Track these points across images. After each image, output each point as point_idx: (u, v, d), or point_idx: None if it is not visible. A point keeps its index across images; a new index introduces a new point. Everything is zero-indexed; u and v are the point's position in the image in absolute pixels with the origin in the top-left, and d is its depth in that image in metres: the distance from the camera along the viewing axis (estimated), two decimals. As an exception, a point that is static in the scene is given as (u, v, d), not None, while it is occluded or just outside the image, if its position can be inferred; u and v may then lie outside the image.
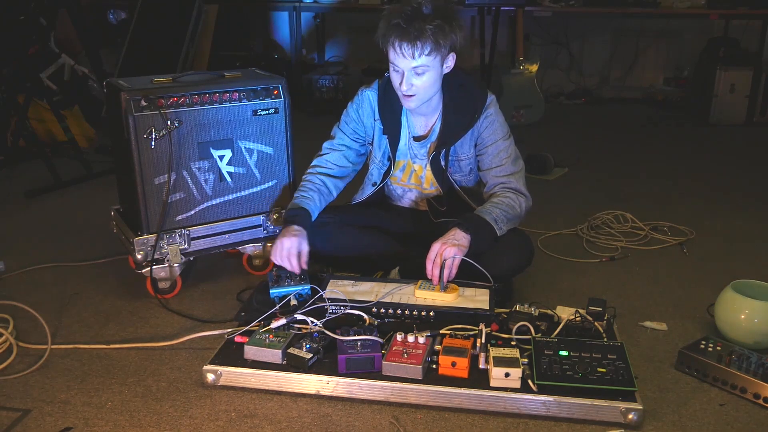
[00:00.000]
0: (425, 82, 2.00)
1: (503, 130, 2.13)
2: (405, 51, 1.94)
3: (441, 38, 1.94)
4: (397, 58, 1.97)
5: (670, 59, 5.44)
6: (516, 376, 1.59)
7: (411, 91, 2.00)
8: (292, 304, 1.92)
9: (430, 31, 1.92)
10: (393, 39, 1.95)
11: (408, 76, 1.98)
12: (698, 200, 3.16)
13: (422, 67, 1.96)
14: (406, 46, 1.93)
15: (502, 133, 2.11)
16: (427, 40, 1.93)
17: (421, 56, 1.94)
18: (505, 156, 2.10)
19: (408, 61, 1.95)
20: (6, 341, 1.90)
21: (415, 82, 1.99)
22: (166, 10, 4.79)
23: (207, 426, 1.58)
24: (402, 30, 1.93)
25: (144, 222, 2.11)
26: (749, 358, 1.69)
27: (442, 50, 1.96)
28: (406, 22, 1.92)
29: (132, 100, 2.02)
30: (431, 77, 2.00)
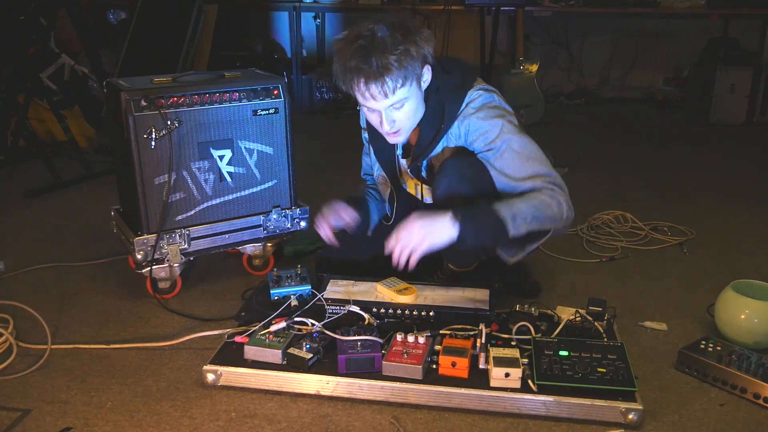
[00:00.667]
0: (408, 113, 1.78)
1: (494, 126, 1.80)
2: (375, 93, 1.70)
3: (410, 63, 1.69)
4: (368, 101, 1.74)
5: (670, 59, 5.44)
6: (516, 376, 1.59)
7: (395, 127, 1.79)
8: (292, 305, 1.92)
9: (395, 62, 1.66)
10: (355, 83, 1.70)
11: (387, 115, 1.76)
12: (698, 200, 3.16)
13: (400, 102, 1.74)
14: (374, 87, 1.68)
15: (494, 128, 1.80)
16: (395, 73, 1.67)
17: (395, 92, 1.70)
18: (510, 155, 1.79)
19: (381, 102, 1.72)
20: (6, 341, 1.90)
21: (396, 117, 1.77)
22: (166, 10, 4.80)
23: (207, 426, 1.58)
24: (362, 71, 1.67)
25: (144, 222, 2.11)
26: (749, 358, 1.69)
27: (414, 74, 1.72)
28: (364, 61, 1.66)
29: (132, 100, 2.02)
30: (412, 105, 1.78)
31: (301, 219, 2.35)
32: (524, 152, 1.79)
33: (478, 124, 1.81)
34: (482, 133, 1.81)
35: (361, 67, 1.68)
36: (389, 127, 1.79)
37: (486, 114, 1.81)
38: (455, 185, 1.83)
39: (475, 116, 1.82)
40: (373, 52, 1.67)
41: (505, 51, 5.33)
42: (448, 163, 1.86)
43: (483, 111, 1.82)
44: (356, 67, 1.68)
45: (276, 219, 2.31)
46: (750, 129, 4.61)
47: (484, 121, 1.81)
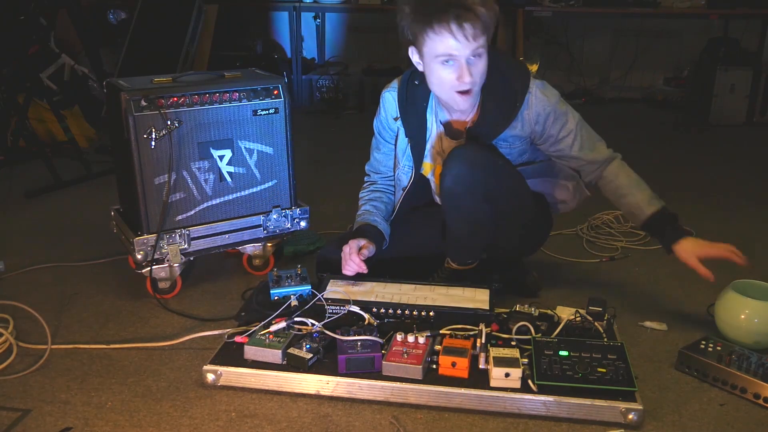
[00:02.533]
0: (482, 68, 1.76)
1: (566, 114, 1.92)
2: (467, 32, 1.67)
3: (491, 13, 1.71)
4: (456, 45, 1.69)
5: (670, 59, 5.44)
6: (516, 376, 1.59)
7: (470, 83, 1.76)
8: (292, 305, 1.92)
9: (481, 4, 1.68)
10: (446, 22, 1.66)
11: (468, 66, 1.73)
12: (698, 200, 3.16)
13: (481, 49, 1.71)
14: (467, 25, 1.66)
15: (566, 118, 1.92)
16: (483, 15, 1.68)
17: (481, 35, 1.70)
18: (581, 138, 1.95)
19: (468, 45, 1.69)
20: (6, 341, 1.90)
21: (473, 70, 1.74)
22: (166, 10, 4.80)
23: (207, 426, 1.58)
24: (455, 7, 1.65)
25: (144, 222, 2.11)
26: (749, 358, 1.69)
27: (491, 27, 1.73)
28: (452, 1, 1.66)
29: (132, 100, 2.02)
30: (486, 61, 1.76)
31: (301, 219, 2.35)
32: (586, 128, 1.99)
33: (553, 109, 1.91)
34: (556, 117, 1.91)
35: (452, 2, 1.67)
36: (469, 78, 1.75)
37: (555, 100, 1.91)
38: (464, 172, 1.84)
39: (547, 101, 1.89)
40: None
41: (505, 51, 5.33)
42: (458, 150, 1.86)
43: (549, 96, 1.90)
44: (447, 4, 1.67)
45: (276, 219, 2.31)
46: (750, 129, 4.61)
47: (557, 107, 1.91)
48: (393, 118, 2.06)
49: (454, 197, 1.89)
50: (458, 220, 1.95)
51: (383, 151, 2.17)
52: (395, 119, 2.06)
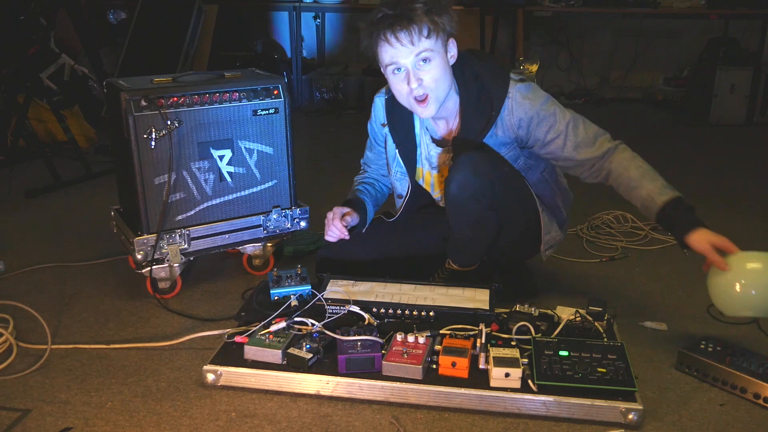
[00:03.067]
0: (434, 74, 1.78)
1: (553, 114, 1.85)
2: (402, 38, 1.72)
3: (436, 16, 1.73)
4: (396, 53, 1.75)
5: (670, 59, 5.45)
6: (516, 376, 1.59)
7: (422, 89, 1.78)
8: (292, 305, 1.92)
9: (422, 9, 1.72)
10: (383, 32, 1.73)
11: (414, 72, 1.77)
12: (698, 200, 3.13)
13: (425, 53, 1.74)
14: (401, 33, 1.71)
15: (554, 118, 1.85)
16: (422, 19, 1.72)
17: (420, 40, 1.73)
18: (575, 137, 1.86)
19: (408, 51, 1.74)
20: (6, 341, 1.90)
21: (423, 76, 1.77)
22: (166, 10, 4.80)
23: (207, 426, 1.58)
24: (391, 18, 1.72)
25: (144, 222, 2.11)
26: (749, 358, 1.69)
27: (440, 32, 1.75)
28: (391, 8, 1.73)
29: (132, 100, 2.02)
30: (439, 66, 1.78)
31: (301, 219, 2.35)
32: (582, 125, 1.88)
33: (536, 112, 1.85)
34: (540, 120, 1.85)
35: (388, 14, 1.73)
36: (416, 85, 1.77)
37: (541, 102, 1.85)
38: (469, 178, 1.84)
39: (529, 103, 1.84)
40: (400, 3, 1.74)
41: (505, 51, 5.33)
42: (463, 157, 1.86)
43: (533, 99, 1.85)
44: (384, 16, 1.74)
45: (276, 219, 2.31)
46: (750, 129, 4.61)
47: (542, 110, 1.85)
48: (381, 124, 2.09)
49: (459, 204, 1.89)
50: (462, 225, 1.96)
51: (375, 151, 2.21)
52: (383, 125, 2.08)
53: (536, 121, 1.86)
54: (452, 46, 1.84)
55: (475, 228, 1.95)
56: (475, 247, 2.03)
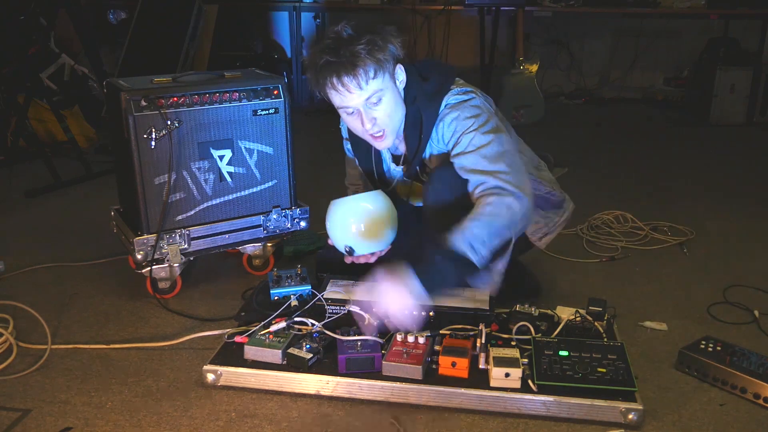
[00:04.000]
0: (387, 110, 1.77)
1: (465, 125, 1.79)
2: (349, 84, 1.70)
3: (378, 53, 1.71)
4: (344, 99, 1.74)
5: (670, 59, 5.44)
6: (516, 376, 1.59)
7: (377, 127, 1.78)
8: (292, 305, 1.92)
9: (364, 51, 1.69)
10: (329, 80, 1.71)
11: (366, 113, 1.76)
12: (698, 200, 3.16)
13: (375, 95, 1.74)
14: (346, 78, 1.69)
15: (463, 127, 1.79)
16: (367, 61, 1.69)
17: (368, 82, 1.71)
18: (472, 149, 1.76)
19: (357, 95, 1.72)
20: (6, 341, 1.90)
21: (376, 115, 1.77)
22: (166, 10, 4.80)
23: (207, 426, 1.58)
24: (334, 65, 1.69)
25: (144, 222, 2.11)
26: (749, 358, 1.70)
27: (386, 66, 1.73)
28: (333, 55, 1.70)
29: (132, 100, 2.02)
30: (390, 101, 1.78)
31: (301, 219, 2.35)
32: (483, 148, 1.75)
33: (451, 124, 1.81)
34: (453, 132, 1.81)
35: (330, 61, 1.70)
36: (371, 126, 1.78)
37: (460, 113, 1.81)
38: (442, 194, 1.86)
39: (449, 116, 1.82)
40: (341, 46, 1.70)
41: (505, 51, 5.33)
42: (436, 173, 1.88)
43: (457, 110, 1.81)
44: (326, 63, 1.70)
45: (276, 219, 2.31)
46: (750, 129, 4.61)
47: (456, 121, 1.81)
48: (345, 139, 2.11)
49: (436, 218, 1.88)
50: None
51: (352, 166, 2.21)
52: (346, 140, 2.10)
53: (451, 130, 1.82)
54: (400, 71, 1.81)
55: None
56: None
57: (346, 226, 1.94)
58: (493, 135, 1.79)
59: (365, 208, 1.94)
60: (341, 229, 1.95)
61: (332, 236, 1.97)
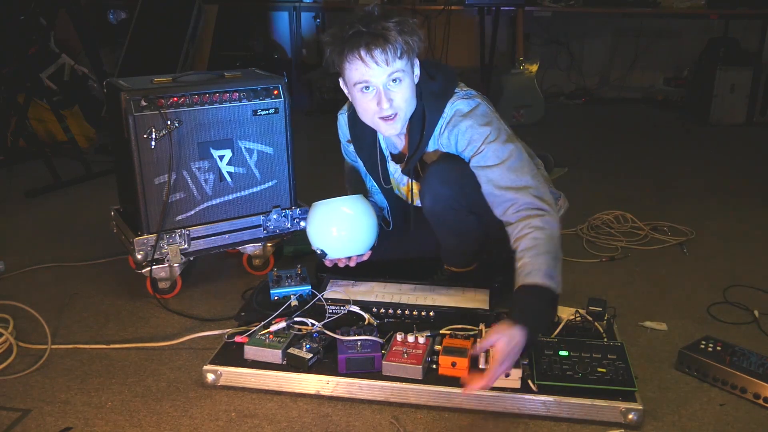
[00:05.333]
0: (405, 93, 1.75)
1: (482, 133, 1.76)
2: (378, 57, 1.66)
3: (408, 36, 1.69)
4: (368, 72, 1.69)
5: (670, 59, 5.44)
6: (516, 376, 1.59)
7: (392, 109, 1.74)
8: (292, 305, 1.92)
9: (395, 29, 1.67)
10: (357, 50, 1.67)
11: (385, 92, 1.72)
12: (698, 200, 3.16)
13: (397, 73, 1.71)
14: (376, 52, 1.66)
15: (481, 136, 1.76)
16: (396, 39, 1.67)
17: (395, 60, 1.68)
18: (497, 162, 1.74)
19: (382, 70, 1.69)
20: (6, 341, 1.90)
21: (393, 96, 1.73)
22: (166, 10, 4.80)
23: (207, 426, 1.58)
24: (366, 36, 1.65)
25: (144, 222, 2.11)
26: (749, 358, 1.70)
27: (411, 53, 1.72)
28: (365, 25, 1.66)
29: (132, 100, 2.02)
30: (408, 86, 1.75)
31: (301, 219, 2.35)
32: (508, 160, 1.75)
33: (467, 132, 1.79)
34: (469, 141, 1.78)
35: (362, 31, 1.66)
36: (387, 105, 1.73)
37: (474, 121, 1.79)
38: (439, 190, 1.85)
39: (464, 124, 1.79)
40: (373, 20, 1.68)
41: (505, 51, 5.33)
42: (432, 168, 1.87)
43: (470, 118, 1.79)
44: (357, 33, 1.67)
45: (276, 219, 2.31)
46: (750, 129, 4.61)
47: (472, 129, 1.78)
48: (347, 141, 2.09)
49: (437, 215, 1.90)
50: (446, 234, 1.97)
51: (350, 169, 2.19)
52: (348, 142, 2.08)
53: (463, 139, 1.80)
54: (417, 66, 1.81)
55: (460, 234, 1.96)
56: (465, 250, 2.03)
57: (322, 228, 1.95)
58: (512, 145, 1.78)
59: (344, 212, 1.95)
60: (317, 231, 1.96)
61: (309, 237, 1.98)
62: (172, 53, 4.63)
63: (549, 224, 1.68)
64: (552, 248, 1.65)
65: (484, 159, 1.76)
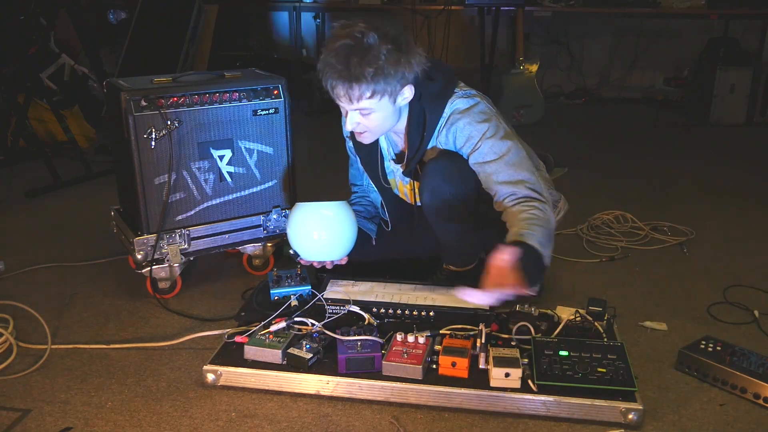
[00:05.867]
0: (374, 123, 1.81)
1: (480, 130, 1.81)
2: (340, 94, 1.74)
3: (384, 80, 1.70)
4: (337, 99, 1.78)
5: (670, 59, 5.44)
6: (516, 376, 1.59)
7: (358, 129, 1.83)
8: (292, 305, 1.92)
9: (371, 75, 1.69)
10: (327, 79, 1.73)
11: (351, 116, 1.80)
12: (698, 200, 3.16)
13: (366, 110, 1.77)
14: (340, 88, 1.72)
15: (479, 133, 1.80)
16: (366, 83, 1.70)
17: (361, 101, 1.74)
18: (495, 157, 1.78)
19: (351, 105, 1.77)
20: (6, 341, 1.90)
21: (360, 121, 1.80)
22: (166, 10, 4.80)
23: (207, 426, 1.58)
24: (336, 70, 1.71)
25: (144, 222, 2.11)
26: (749, 358, 1.70)
27: (386, 92, 1.74)
28: (341, 61, 1.69)
29: (132, 100, 2.02)
30: (380, 116, 1.80)
31: (301, 219, 2.34)
32: (506, 155, 1.79)
33: (465, 129, 1.82)
34: (467, 137, 1.82)
35: (335, 65, 1.71)
36: (351, 127, 1.83)
37: (471, 119, 1.82)
38: (437, 186, 1.86)
39: (462, 121, 1.82)
40: (354, 55, 1.69)
41: (505, 51, 5.33)
42: (430, 165, 1.88)
43: (468, 116, 1.82)
44: (331, 65, 1.72)
45: (276, 219, 2.31)
46: (750, 129, 4.61)
47: (470, 126, 1.82)
48: (347, 136, 2.10)
49: (436, 212, 1.91)
50: (444, 231, 1.97)
51: (355, 166, 2.20)
52: (348, 137, 2.10)
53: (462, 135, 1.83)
54: (408, 90, 1.80)
55: (458, 231, 1.96)
56: (463, 249, 2.04)
57: (299, 229, 1.98)
58: (510, 141, 1.82)
59: (324, 215, 1.97)
60: (294, 232, 1.99)
61: (288, 236, 2.01)
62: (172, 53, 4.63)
63: (546, 212, 1.73)
64: (546, 227, 1.68)
65: (482, 155, 1.80)
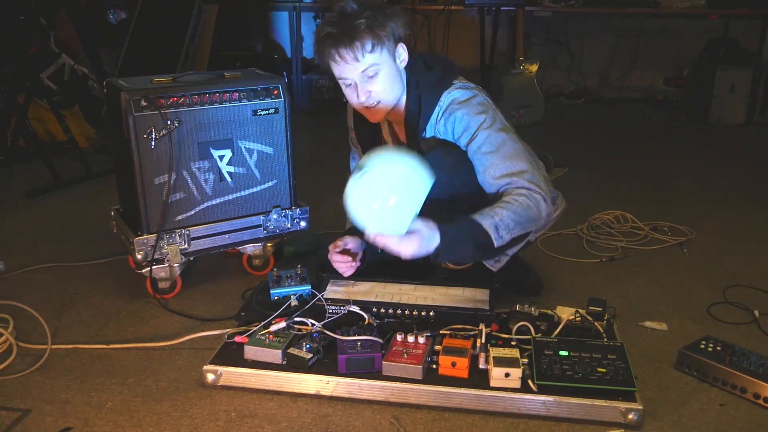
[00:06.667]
0: (382, 84, 1.83)
1: (478, 120, 1.84)
2: (346, 56, 1.77)
3: (378, 29, 1.77)
4: (342, 70, 1.80)
5: (670, 59, 5.44)
6: (516, 376, 1.59)
7: (371, 99, 1.83)
8: (292, 305, 1.92)
9: (364, 25, 1.75)
10: (329, 50, 1.78)
11: (362, 85, 1.81)
12: (698, 200, 3.16)
13: (371, 68, 1.80)
14: (344, 50, 1.76)
15: (476, 123, 1.84)
16: (364, 35, 1.76)
17: (364, 55, 1.77)
18: (492, 148, 1.82)
19: (354, 67, 1.79)
20: (6, 341, 1.90)
21: (371, 87, 1.82)
22: (166, 10, 4.80)
23: (207, 426, 1.58)
24: (334, 36, 1.77)
25: (144, 222, 2.11)
26: (749, 358, 1.70)
27: (385, 42, 1.79)
28: (335, 27, 1.77)
29: (132, 100, 2.02)
30: (387, 76, 1.83)
31: (301, 219, 2.35)
32: (503, 148, 1.83)
33: (463, 119, 1.86)
34: (465, 128, 1.86)
35: (331, 32, 1.77)
36: (365, 98, 1.83)
37: (469, 109, 1.86)
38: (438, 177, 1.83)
39: (460, 111, 1.86)
40: (343, 20, 1.77)
41: (505, 51, 5.33)
42: (430, 156, 1.88)
43: (467, 107, 1.86)
44: (327, 34, 1.78)
45: (276, 219, 2.31)
46: (750, 129, 4.61)
47: (468, 116, 1.86)
48: (349, 128, 2.12)
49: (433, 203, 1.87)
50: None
51: (357, 159, 2.21)
52: (350, 129, 2.12)
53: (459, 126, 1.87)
54: (402, 50, 1.86)
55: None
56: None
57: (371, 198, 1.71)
58: (506, 134, 1.87)
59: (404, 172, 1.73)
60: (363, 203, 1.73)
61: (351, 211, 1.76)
62: (172, 53, 4.63)
63: (533, 200, 1.78)
64: (522, 214, 1.75)
65: (479, 146, 1.84)
